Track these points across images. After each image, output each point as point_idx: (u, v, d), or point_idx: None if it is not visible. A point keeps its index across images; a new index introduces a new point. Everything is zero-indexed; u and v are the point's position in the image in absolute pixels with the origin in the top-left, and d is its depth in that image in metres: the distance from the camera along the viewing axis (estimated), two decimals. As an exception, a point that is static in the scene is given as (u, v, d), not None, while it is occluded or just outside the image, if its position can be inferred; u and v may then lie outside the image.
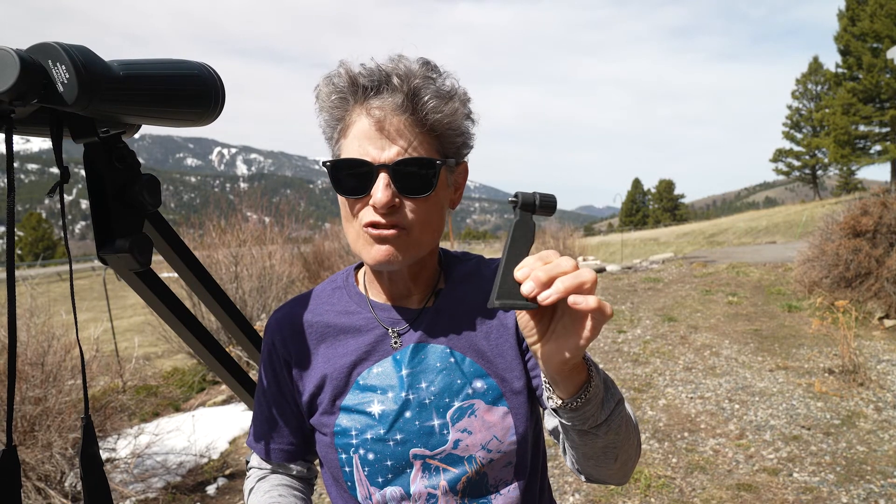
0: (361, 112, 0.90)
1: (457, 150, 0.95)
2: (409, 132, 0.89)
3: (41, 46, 0.76)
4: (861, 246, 7.31)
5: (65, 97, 0.76)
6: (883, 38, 35.33)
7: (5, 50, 0.73)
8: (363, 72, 0.89)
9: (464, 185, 1.02)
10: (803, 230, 19.22)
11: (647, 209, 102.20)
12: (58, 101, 0.77)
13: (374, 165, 0.88)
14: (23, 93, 0.74)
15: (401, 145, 0.88)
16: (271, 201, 11.13)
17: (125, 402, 4.06)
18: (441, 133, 0.91)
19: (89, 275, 32.38)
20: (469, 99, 0.95)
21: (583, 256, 14.74)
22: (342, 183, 0.91)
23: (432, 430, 0.95)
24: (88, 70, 0.78)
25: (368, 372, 0.98)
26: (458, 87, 0.93)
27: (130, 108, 0.87)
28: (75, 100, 0.77)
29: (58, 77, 0.76)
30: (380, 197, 0.87)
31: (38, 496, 3.18)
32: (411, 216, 0.90)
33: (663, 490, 3.59)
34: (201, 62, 0.97)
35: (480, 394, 0.97)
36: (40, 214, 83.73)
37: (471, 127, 0.97)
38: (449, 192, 0.98)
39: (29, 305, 3.95)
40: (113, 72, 0.82)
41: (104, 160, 0.87)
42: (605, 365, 6.09)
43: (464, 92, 0.94)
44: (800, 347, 6.38)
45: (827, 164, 51.47)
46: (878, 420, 4.45)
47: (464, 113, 0.94)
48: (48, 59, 0.75)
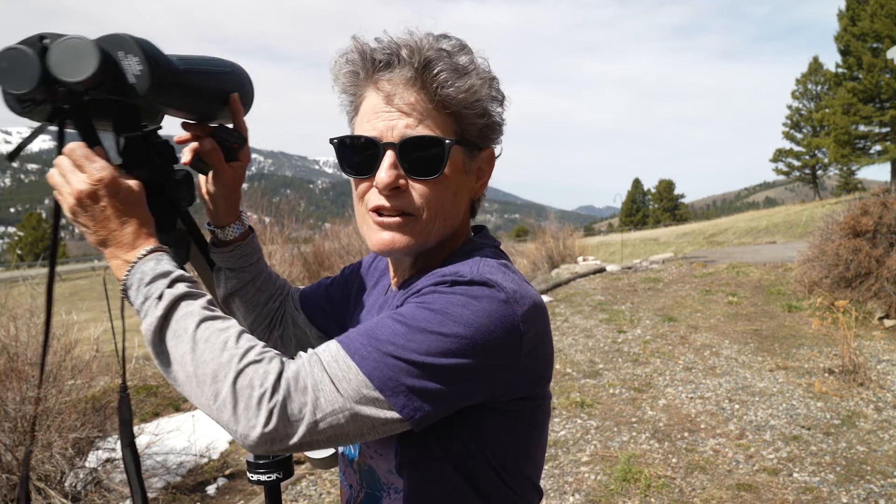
0: (372, 87, 0.86)
1: (479, 132, 0.88)
2: (420, 107, 0.83)
3: (112, 37, 0.76)
4: (861, 246, 7.30)
5: (137, 88, 0.77)
6: (883, 37, 35.31)
7: (85, 39, 0.72)
8: (375, 46, 0.85)
9: (489, 174, 0.94)
10: (803, 230, 19.22)
11: (647, 209, 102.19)
12: (127, 93, 0.77)
13: (381, 143, 0.84)
14: (99, 83, 0.74)
15: (409, 121, 0.83)
16: (271, 201, 11.13)
17: (125, 402, 4.05)
18: (456, 111, 0.85)
19: (89, 275, 32.38)
20: (493, 78, 0.89)
21: (583, 256, 14.74)
22: (348, 161, 0.88)
23: None
24: (158, 62, 0.78)
25: None
26: (478, 64, 0.87)
27: (185, 101, 0.87)
28: (146, 91, 0.77)
29: (128, 68, 0.76)
30: (383, 177, 0.83)
31: (39, 496, 3.18)
32: (419, 201, 0.85)
33: (663, 490, 3.59)
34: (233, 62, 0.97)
35: None
36: (40, 214, 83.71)
37: (497, 110, 0.89)
38: (468, 180, 0.91)
39: (29, 305, 3.94)
40: (174, 65, 0.82)
41: (144, 155, 0.86)
42: (605, 365, 6.09)
43: (486, 70, 0.88)
44: (800, 347, 6.38)
45: (827, 164, 51.44)
46: (878, 420, 4.45)
47: (487, 93, 0.87)
48: (119, 50, 0.75)
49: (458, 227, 0.94)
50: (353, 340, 0.77)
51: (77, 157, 0.79)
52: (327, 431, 0.73)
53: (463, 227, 0.96)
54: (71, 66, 0.72)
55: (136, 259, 0.79)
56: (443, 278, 0.81)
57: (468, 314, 0.77)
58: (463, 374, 0.77)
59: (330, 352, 0.76)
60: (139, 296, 0.78)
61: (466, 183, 0.91)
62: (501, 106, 0.91)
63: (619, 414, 4.83)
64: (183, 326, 0.75)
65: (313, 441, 0.73)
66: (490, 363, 0.79)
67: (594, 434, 4.45)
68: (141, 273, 0.78)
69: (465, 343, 0.76)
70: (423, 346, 0.75)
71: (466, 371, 0.77)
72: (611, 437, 4.40)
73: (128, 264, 0.80)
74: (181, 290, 0.78)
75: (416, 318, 0.76)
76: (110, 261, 0.81)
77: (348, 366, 0.74)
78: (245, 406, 0.70)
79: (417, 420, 0.76)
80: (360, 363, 0.74)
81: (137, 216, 0.81)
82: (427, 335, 0.75)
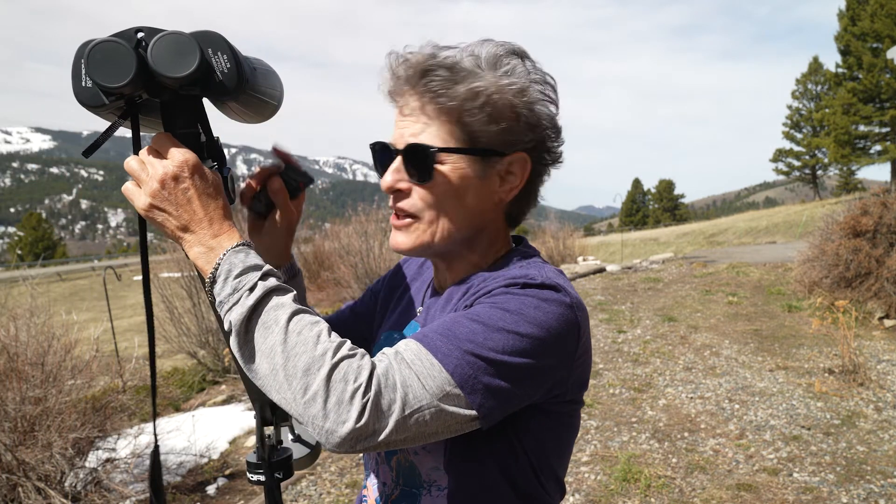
0: (395, 99, 0.92)
1: (495, 138, 0.87)
2: (424, 117, 0.87)
3: (203, 35, 0.77)
4: (861, 246, 7.30)
5: (226, 85, 0.78)
6: (883, 37, 35.31)
7: (186, 35, 0.74)
8: (394, 62, 0.90)
9: (521, 178, 0.91)
10: (803, 230, 19.23)
11: (647, 209, 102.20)
12: (214, 89, 0.79)
13: (392, 150, 0.91)
14: (196, 79, 0.75)
15: (414, 131, 0.88)
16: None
17: (125, 402, 4.05)
18: (458, 118, 0.86)
19: (89, 275, 32.40)
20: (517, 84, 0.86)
21: (583, 256, 14.74)
22: (377, 165, 0.95)
23: None
24: (240, 61, 0.80)
25: (388, 336, 1.07)
26: (489, 68, 0.86)
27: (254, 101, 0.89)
28: (234, 89, 0.79)
29: (217, 66, 0.77)
30: (386, 179, 0.90)
31: (38, 496, 3.18)
32: (420, 203, 0.90)
33: (663, 490, 3.59)
34: None
35: None
36: (40, 214, 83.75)
37: (515, 116, 0.87)
38: (486, 185, 0.90)
39: (29, 305, 3.94)
40: (251, 64, 0.84)
41: (200, 153, 0.86)
42: (605, 365, 6.09)
43: (506, 75, 0.86)
44: (800, 347, 6.38)
45: (827, 164, 51.46)
46: (878, 420, 4.45)
47: (503, 99, 0.85)
48: (208, 47, 0.77)
49: (487, 231, 0.95)
50: (432, 339, 0.78)
51: (161, 143, 0.79)
52: (412, 428, 0.73)
53: (497, 233, 0.97)
54: (172, 62, 0.73)
55: (226, 248, 0.79)
56: (514, 280, 0.83)
57: (542, 316, 0.79)
58: (533, 374, 0.79)
59: (411, 350, 0.77)
60: (226, 287, 0.76)
61: (483, 188, 0.90)
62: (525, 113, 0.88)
63: (619, 414, 4.83)
64: (273, 317, 0.74)
65: (397, 439, 0.73)
66: (555, 365, 0.82)
67: (594, 434, 4.45)
68: (230, 264, 0.77)
69: (539, 344, 0.78)
70: (500, 345, 0.76)
71: (536, 371, 0.79)
72: (611, 437, 4.40)
73: (214, 252, 0.79)
74: (273, 283, 0.77)
75: (493, 317, 0.78)
76: (191, 249, 0.80)
77: (431, 363, 0.75)
78: (337, 400, 0.69)
79: (488, 418, 0.77)
80: (442, 360, 0.75)
81: (220, 202, 0.82)
82: (505, 334, 0.77)
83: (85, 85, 0.76)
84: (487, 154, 0.89)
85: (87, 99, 0.77)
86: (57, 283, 28.79)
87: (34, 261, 51.31)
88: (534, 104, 0.88)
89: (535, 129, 0.89)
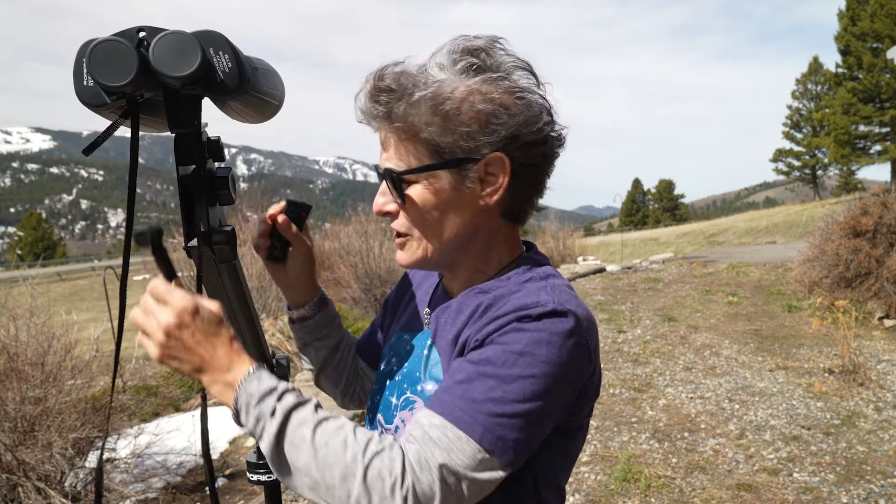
0: None
1: (459, 144, 0.84)
2: (390, 141, 0.89)
3: (205, 34, 0.77)
4: (861, 246, 7.30)
5: (228, 84, 0.78)
6: (883, 37, 35.31)
7: (187, 34, 0.74)
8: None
9: (501, 178, 0.87)
10: (803, 230, 19.22)
11: (647, 209, 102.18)
12: (215, 89, 0.79)
13: (380, 173, 0.93)
14: (198, 79, 0.75)
15: (387, 155, 0.90)
16: (271, 201, 11.16)
17: (125, 402, 4.06)
18: (416, 135, 0.84)
19: (89, 275, 32.39)
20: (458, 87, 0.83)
21: (583, 256, 14.75)
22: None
23: (389, 405, 1.00)
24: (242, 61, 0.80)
25: (399, 337, 1.07)
26: (434, 79, 0.83)
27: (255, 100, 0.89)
28: (235, 88, 0.79)
29: (218, 65, 0.78)
30: (377, 202, 0.93)
31: (38, 496, 3.18)
32: (406, 223, 0.92)
33: (663, 490, 3.59)
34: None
35: (426, 396, 0.93)
36: (40, 214, 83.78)
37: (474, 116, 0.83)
38: (469, 194, 0.87)
39: (29, 305, 3.94)
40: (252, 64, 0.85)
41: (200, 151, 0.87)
42: (605, 365, 6.09)
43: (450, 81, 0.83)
44: (800, 347, 6.38)
45: (827, 164, 51.43)
46: (878, 420, 4.45)
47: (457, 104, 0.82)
48: (210, 47, 0.77)
49: (480, 236, 0.93)
50: (452, 408, 0.79)
51: (159, 293, 0.80)
52: (454, 499, 0.76)
53: (493, 235, 0.94)
54: (174, 61, 0.74)
55: (238, 382, 0.80)
56: (526, 311, 0.82)
57: (554, 353, 0.80)
58: (552, 409, 0.82)
59: (436, 426, 0.78)
60: (250, 418, 0.79)
61: (464, 197, 0.88)
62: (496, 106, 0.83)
63: (619, 414, 4.83)
64: (300, 435, 0.77)
65: None
66: (572, 391, 0.85)
67: (594, 434, 4.45)
68: (247, 395, 0.79)
69: (553, 381, 0.80)
70: (517, 394, 0.78)
71: (555, 406, 0.82)
72: (611, 437, 4.40)
73: (231, 388, 0.80)
74: (291, 402, 0.79)
75: (506, 363, 0.79)
76: (210, 386, 0.82)
77: (458, 436, 0.77)
78: (380, 498, 0.73)
79: (517, 465, 0.81)
80: (467, 430, 0.77)
81: (224, 336, 0.82)
82: (521, 382, 0.78)
83: (86, 84, 0.77)
84: (456, 164, 0.85)
85: (89, 98, 0.77)
86: (57, 283, 28.79)
87: (34, 261, 51.31)
88: (492, 100, 0.83)
89: (502, 125, 0.83)
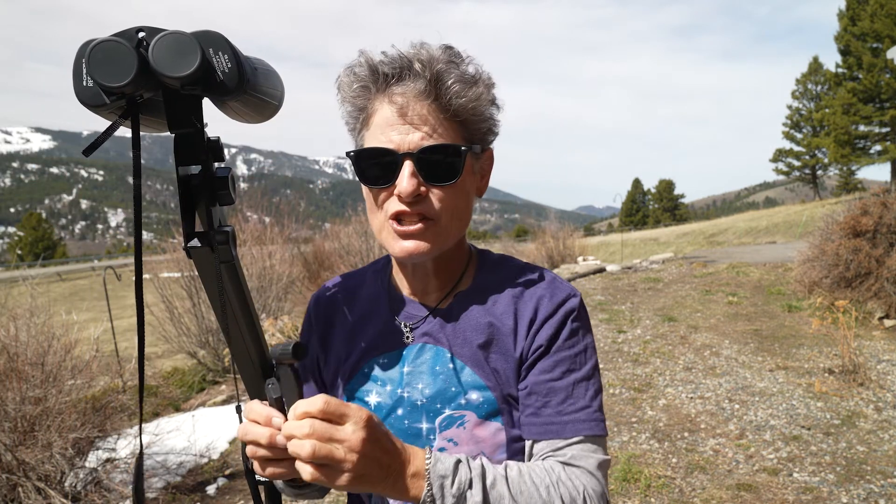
0: (384, 100, 0.89)
1: (482, 136, 0.94)
2: (432, 118, 0.87)
3: (204, 34, 0.77)
4: (861, 246, 7.30)
5: (227, 84, 0.78)
6: (883, 37, 35.30)
7: (187, 35, 0.74)
8: (384, 59, 0.88)
9: (490, 172, 1.00)
10: (803, 230, 19.22)
11: (647, 209, 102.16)
12: (215, 89, 0.79)
13: (399, 154, 0.87)
14: (197, 79, 0.75)
15: (424, 132, 0.87)
16: (271, 201, 11.14)
17: (125, 402, 4.06)
18: (465, 119, 0.90)
19: (89, 275, 32.38)
20: (493, 84, 0.94)
21: (583, 256, 14.74)
22: (366, 173, 0.91)
23: (419, 432, 0.95)
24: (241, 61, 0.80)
25: (375, 361, 0.99)
26: (481, 72, 0.92)
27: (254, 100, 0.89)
28: (235, 88, 0.78)
29: (218, 65, 0.77)
30: (405, 186, 0.86)
31: (38, 496, 3.18)
32: (438, 205, 0.89)
33: (663, 490, 3.59)
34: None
35: (474, 406, 0.93)
36: (40, 214, 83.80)
37: (496, 113, 0.95)
38: (475, 180, 0.97)
39: (29, 305, 3.94)
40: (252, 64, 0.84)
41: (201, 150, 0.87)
42: (605, 365, 6.09)
43: (488, 77, 0.93)
44: (800, 347, 6.38)
45: (827, 164, 51.41)
46: (878, 420, 4.45)
47: (488, 98, 0.92)
48: (209, 47, 0.77)
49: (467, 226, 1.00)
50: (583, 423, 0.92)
51: (332, 409, 0.71)
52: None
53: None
54: (173, 61, 0.73)
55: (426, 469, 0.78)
56: (567, 308, 0.96)
57: (588, 322, 1.00)
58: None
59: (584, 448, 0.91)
60: (448, 497, 0.78)
61: (474, 183, 0.97)
62: (498, 109, 0.96)
63: (619, 414, 4.83)
64: (497, 495, 0.81)
65: None
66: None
67: (594, 434, 4.45)
68: (440, 479, 0.78)
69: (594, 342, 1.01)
70: (595, 374, 0.96)
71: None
72: (611, 437, 4.40)
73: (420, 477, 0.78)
74: (479, 468, 0.82)
75: (582, 364, 0.95)
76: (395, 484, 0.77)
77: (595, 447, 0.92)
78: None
79: None
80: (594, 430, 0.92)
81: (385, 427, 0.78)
82: (592, 366, 0.96)
83: (86, 84, 0.77)
84: (480, 150, 0.94)
85: (89, 98, 0.78)
86: (57, 283, 28.78)
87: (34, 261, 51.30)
88: (497, 102, 0.95)
89: (498, 123, 0.96)
